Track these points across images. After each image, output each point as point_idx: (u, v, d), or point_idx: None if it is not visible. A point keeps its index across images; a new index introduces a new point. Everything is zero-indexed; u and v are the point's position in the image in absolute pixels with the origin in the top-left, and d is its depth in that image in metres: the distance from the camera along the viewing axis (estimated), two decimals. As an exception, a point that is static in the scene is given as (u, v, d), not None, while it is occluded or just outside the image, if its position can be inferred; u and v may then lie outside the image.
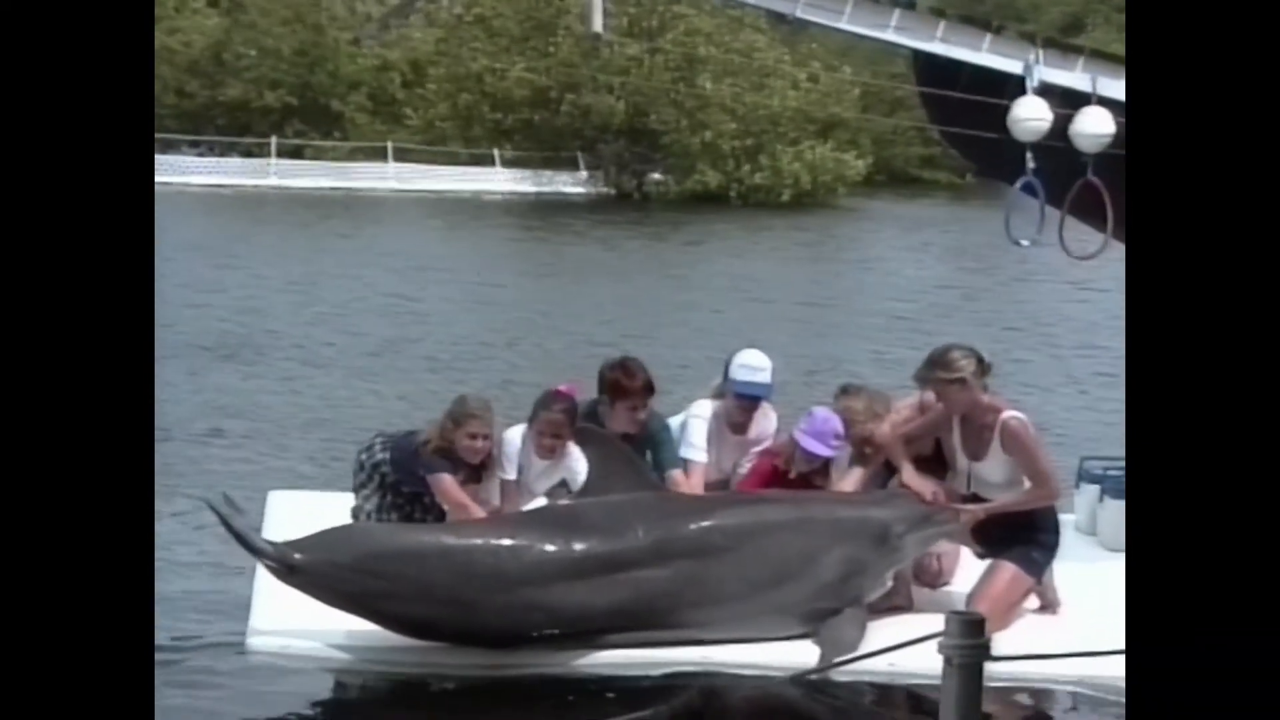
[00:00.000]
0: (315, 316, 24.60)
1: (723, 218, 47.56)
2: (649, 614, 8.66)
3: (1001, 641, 4.96)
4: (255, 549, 8.52)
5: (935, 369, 9.14)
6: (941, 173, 63.73)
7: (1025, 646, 7.51)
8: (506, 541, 8.65)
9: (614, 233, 41.79)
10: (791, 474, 9.70)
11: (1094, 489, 10.82)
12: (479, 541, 8.70)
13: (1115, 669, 3.89)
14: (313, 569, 8.44)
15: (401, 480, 9.44)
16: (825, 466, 9.70)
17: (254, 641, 8.75)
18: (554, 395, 9.45)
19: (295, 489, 11.56)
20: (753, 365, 9.81)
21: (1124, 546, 4.55)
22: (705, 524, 8.85)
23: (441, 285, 29.47)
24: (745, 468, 9.94)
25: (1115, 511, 9.71)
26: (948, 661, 4.67)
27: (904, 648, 5.92)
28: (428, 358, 20.71)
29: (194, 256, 30.64)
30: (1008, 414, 9.13)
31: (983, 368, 9.15)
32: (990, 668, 4.95)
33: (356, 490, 9.59)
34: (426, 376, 19.13)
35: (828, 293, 30.31)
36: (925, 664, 6.11)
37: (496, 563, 8.56)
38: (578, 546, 8.63)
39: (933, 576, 9.63)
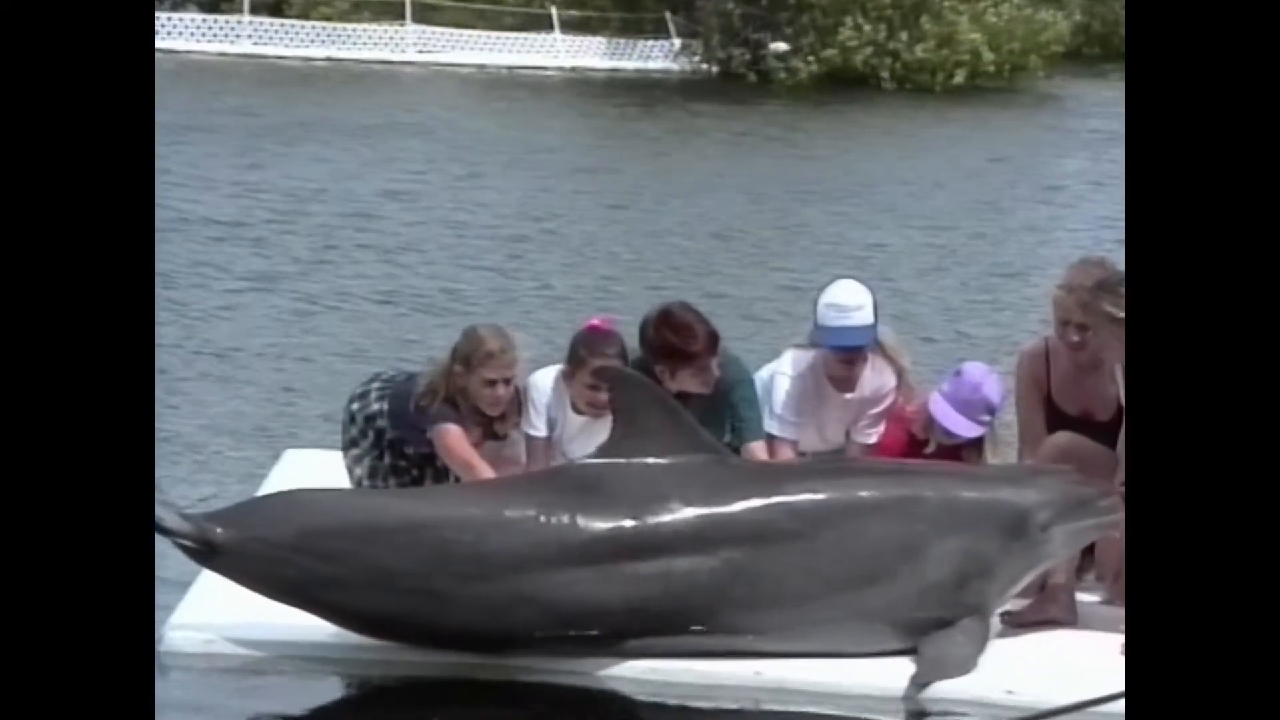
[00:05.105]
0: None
1: (867, 107, 41.12)
2: (684, 614, 7.45)
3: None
4: (164, 529, 7.20)
5: (1102, 297, 7.77)
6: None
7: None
8: (491, 514, 7.50)
9: (714, 126, 37.31)
10: (930, 447, 8.52)
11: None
12: (455, 513, 7.58)
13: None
14: (240, 549, 7.40)
15: (405, 437, 8.33)
16: (979, 441, 8.45)
17: (173, 636, 7.65)
18: (601, 335, 8.19)
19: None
20: (842, 304, 8.40)
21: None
22: (768, 501, 7.55)
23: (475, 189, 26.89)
24: (867, 436, 8.64)
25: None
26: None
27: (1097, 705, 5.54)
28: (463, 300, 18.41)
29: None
30: None
31: None
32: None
33: (346, 449, 8.53)
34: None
35: (1010, 215, 26.28)
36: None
37: (476, 541, 7.44)
38: (589, 523, 7.43)
39: (1116, 579, 7.89)
